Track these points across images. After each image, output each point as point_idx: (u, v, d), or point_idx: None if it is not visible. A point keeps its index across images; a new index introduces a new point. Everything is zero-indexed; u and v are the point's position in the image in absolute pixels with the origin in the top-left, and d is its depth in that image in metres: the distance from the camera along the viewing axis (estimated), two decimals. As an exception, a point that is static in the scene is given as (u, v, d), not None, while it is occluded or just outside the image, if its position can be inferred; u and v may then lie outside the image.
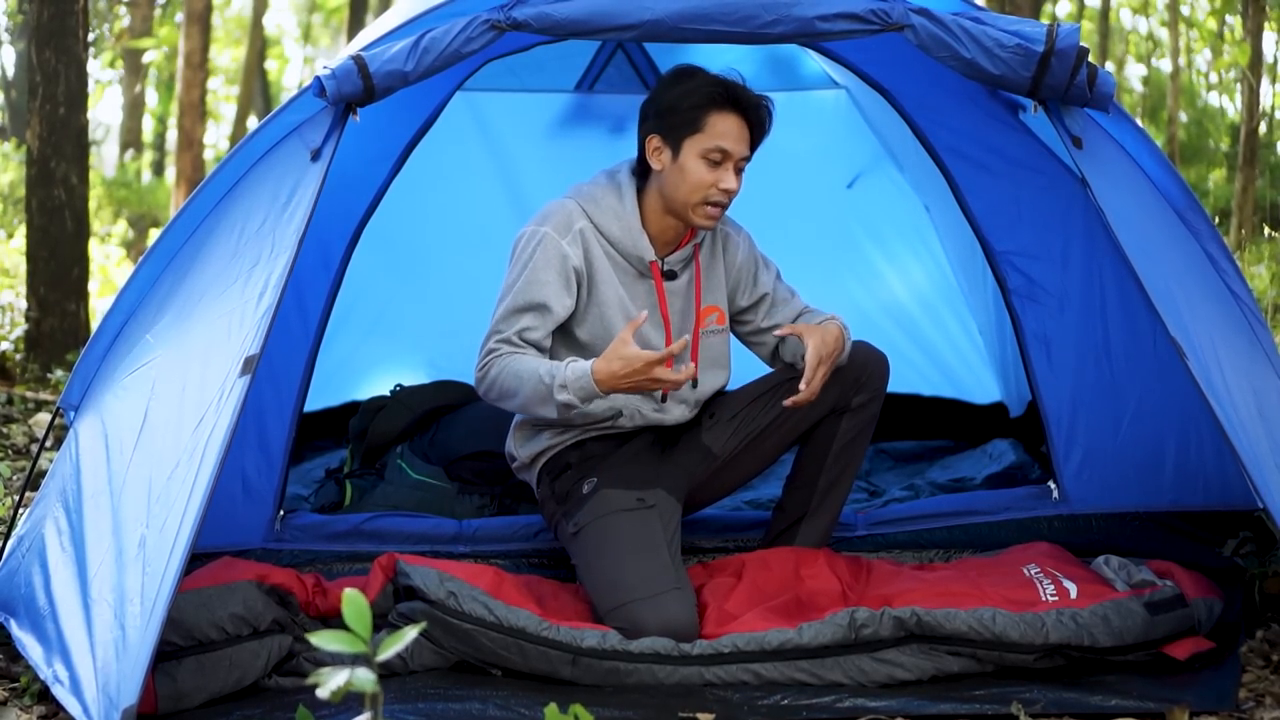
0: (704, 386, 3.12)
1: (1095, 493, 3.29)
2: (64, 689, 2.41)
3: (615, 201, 3.02)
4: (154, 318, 2.95)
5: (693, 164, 2.94)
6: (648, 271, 3.05)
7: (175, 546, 2.35)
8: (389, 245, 4.13)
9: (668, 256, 3.07)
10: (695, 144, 2.94)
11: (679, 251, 3.08)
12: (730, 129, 2.95)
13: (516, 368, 2.87)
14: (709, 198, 2.95)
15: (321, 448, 4.23)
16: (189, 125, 11.35)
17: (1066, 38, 2.77)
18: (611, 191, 3.04)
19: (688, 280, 3.10)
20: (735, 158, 2.96)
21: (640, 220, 3.02)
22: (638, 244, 3.02)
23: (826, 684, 2.68)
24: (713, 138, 2.94)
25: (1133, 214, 2.87)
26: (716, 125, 2.94)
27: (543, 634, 2.70)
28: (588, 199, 3.03)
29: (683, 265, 3.10)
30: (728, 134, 2.94)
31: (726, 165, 2.95)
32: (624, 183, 3.05)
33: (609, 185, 3.06)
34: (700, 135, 2.94)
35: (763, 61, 4.31)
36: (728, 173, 2.95)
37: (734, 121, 2.95)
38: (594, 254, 2.99)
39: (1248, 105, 9.19)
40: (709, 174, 2.94)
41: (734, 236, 3.19)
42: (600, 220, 3.01)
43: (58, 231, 6.00)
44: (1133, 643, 2.74)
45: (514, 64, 3.62)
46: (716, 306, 3.14)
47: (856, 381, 3.09)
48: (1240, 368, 2.84)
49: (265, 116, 7.90)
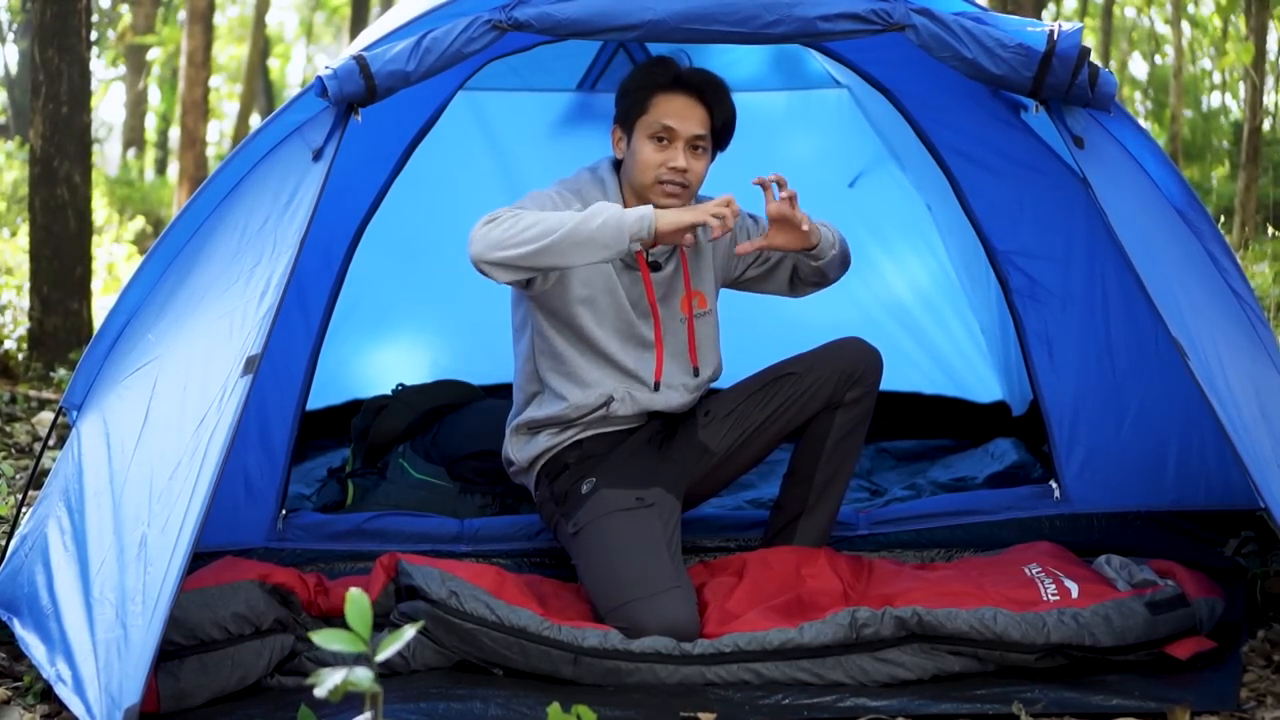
0: (700, 373, 3.13)
1: (1097, 492, 3.29)
2: (67, 688, 2.41)
3: (599, 194, 3.05)
4: (156, 317, 2.96)
5: (641, 145, 3.01)
6: (633, 261, 3.06)
7: (177, 546, 2.35)
8: (391, 245, 4.13)
9: (651, 248, 3.08)
10: (643, 126, 3.01)
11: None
12: (675, 108, 3.00)
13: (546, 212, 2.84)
14: (660, 176, 3.00)
15: (323, 447, 4.23)
16: (191, 124, 11.37)
17: (1068, 38, 2.77)
18: (594, 184, 3.07)
19: (673, 270, 3.12)
20: (684, 136, 3.00)
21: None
22: None
23: (828, 683, 2.68)
24: (657, 116, 2.99)
25: (1134, 214, 2.87)
26: (660, 105, 3.00)
27: (544, 633, 2.70)
28: (571, 191, 3.05)
29: (666, 256, 3.11)
30: (671, 112, 2.99)
31: (675, 144, 3.00)
32: (605, 176, 3.09)
33: (591, 179, 3.09)
34: (645, 116, 3.01)
35: (765, 61, 4.32)
36: (676, 151, 2.99)
37: (680, 101, 3.01)
38: None
39: (1251, 103, 9.19)
40: (657, 154, 2.99)
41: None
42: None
43: (61, 230, 6.01)
44: (1134, 642, 2.74)
45: (516, 63, 3.63)
46: (700, 291, 3.15)
47: (850, 376, 3.10)
48: (1242, 367, 2.84)
49: (267, 114, 7.91)
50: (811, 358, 3.13)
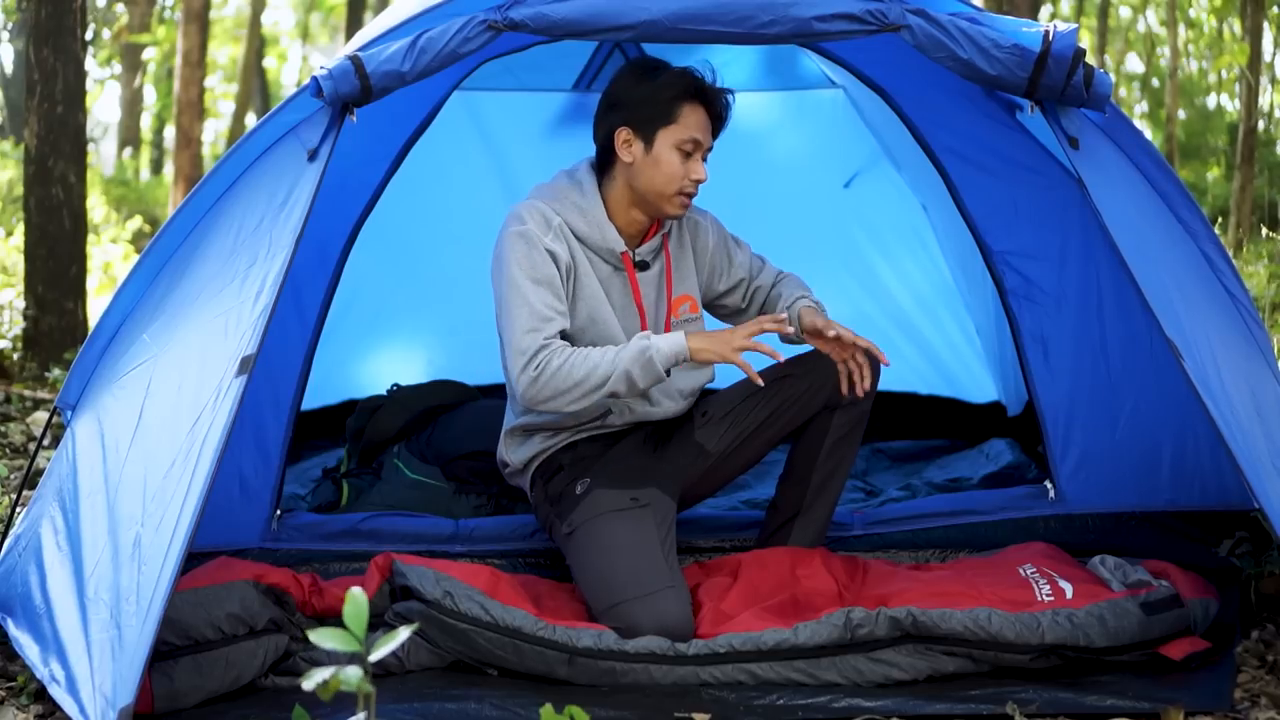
0: (687, 379, 3.13)
1: (1092, 493, 3.29)
2: (60, 688, 2.41)
3: (579, 197, 3.05)
4: (151, 317, 2.95)
5: (667, 155, 2.99)
6: (619, 263, 3.07)
7: (172, 546, 2.35)
8: (386, 244, 4.13)
9: (637, 248, 3.09)
10: (669, 135, 2.99)
11: (648, 243, 3.11)
12: (701, 120, 3.01)
13: (585, 354, 2.89)
14: (683, 188, 3.00)
15: (318, 447, 4.23)
16: (187, 123, 11.35)
17: (1063, 39, 2.77)
18: (574, 189, 3.06)
19: (659, 270, 3.13)
20: (705, 148, 3.02)
21: (606, 213, 3.04)
22: (606, 236, 3.04)
23: (822, 684, 2.68)
24: (687, 129, 2.99)
25: (1129, 215, 2.87)
26: (689, 117, 3.00)
27: (539, 634, 2.70)
28: (552, 198, 3.05)
29: (653, 255, 3.12)
30: (698, 125, 3.00)
31: (697, 156, 3.01)
32: (584, 179, 3.08)
33: (570, 183, 3.08)
34: (674, 127, 2.99)
35: (759, 61, 4.31)
36: (698, 163, 3.01)
37: (703, 114, 3.02)
38: (573, 247, 3.02)
39: (1246, 104, 9.19)
40: (682, 165, 2.99)
41: (701, 223, 3.22)
42: (568, 217, 3.03)
43: (56, 230, 6.00)
44: (1128, 643, 2.74)
45: (511, 63, 3.62)
46: (689, 295, 3.16)
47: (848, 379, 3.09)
48: (1237, 368, 2.84)
49: (263, 114, 7.89)
50: (809, 359, 3.13)
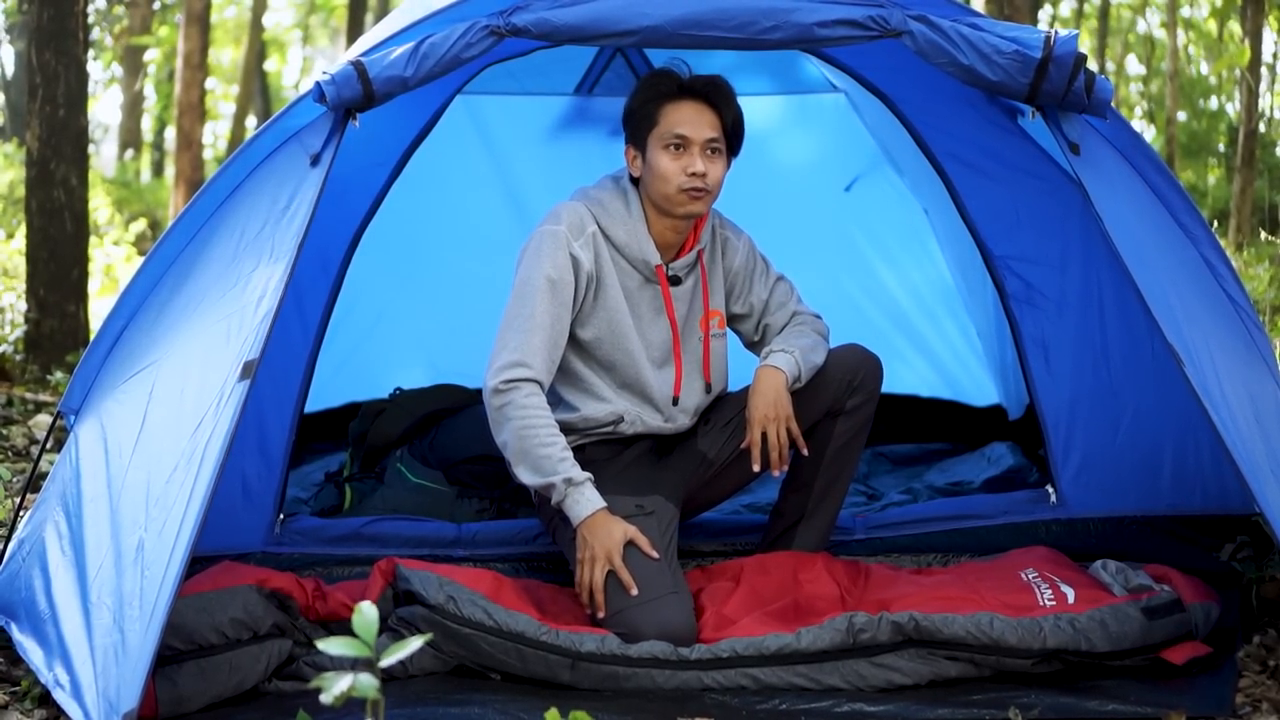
0: (698, 399, 3.14)
1: (1093, 497, 3.29)
2: (65, 693, 2.41)
3: (622, 207, 3.05)
4: (154, 322, 2.96)
5: (658, 158, 3.00)
6: (653, 276, 3.07)
7: (175, 550, 2.35)
8: (389, 249, 4.14)
9: (672, 262, 3.09)
10: (656, 138, 3.01)
11: (683, 258, 3.11)
12: (685, 115, 3.00)
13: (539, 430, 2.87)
14: (681, 185, 3.00)
15: (321, 451, 4.24)
16: (188, 125, 11.36)
17: (1064, 44, 2.78)
18: (618, 197, 3.07)
19: (693, 285, 3.13)
20: (698, 141, 3.00)
21: (646, 226, 3.04)
22: (644, 249, 3.04)
23: (824, 689, 2.68)
24: (668, 126, 3.00)
25: (1130, 220, 2.88)
26: (670, 115, 3.00)
27: (542, 638, 2.70)
28: (595, 203, 3.06)
29: (687, 271, 3.12)
30: (682, 120, 3.00)
31: (690, 150, 3.00)
32: (628, 189, 3.09)
33: (615, 190, 3.09)
34: (657, 129, 3.01)
35: (761, 65, 4.32)
36: (692, 157, 2.99)
37: (689, 107, 3.01)
38: (603, 258, 3.03)
39: (1246, 106, 9.20)
40: (674, 162, 2.99)
41: (733, 240, 3.21)
42: (607, 225, 3.03)
43: (57, 233, 6.00)
44: (1130, 648, 2.74)
45: (513, 67, 3.63)
46: (719, 311, 3.17)
47: (850, 384, 3.10)
48: (1237, 373, 2.85)
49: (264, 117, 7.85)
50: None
